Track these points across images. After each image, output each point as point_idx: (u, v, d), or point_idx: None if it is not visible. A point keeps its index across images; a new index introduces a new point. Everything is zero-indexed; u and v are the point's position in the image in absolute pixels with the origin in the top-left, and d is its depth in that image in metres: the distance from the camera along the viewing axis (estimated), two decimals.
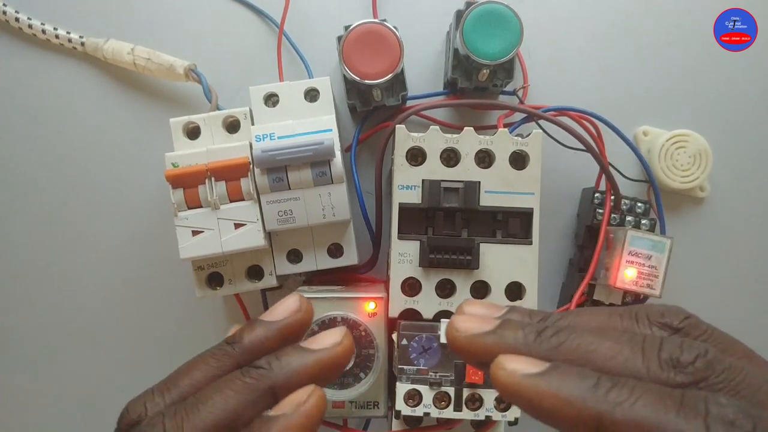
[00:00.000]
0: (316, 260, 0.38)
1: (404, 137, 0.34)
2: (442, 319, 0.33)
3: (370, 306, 0.35)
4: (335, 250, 0.38)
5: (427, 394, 0.33)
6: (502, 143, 0.34)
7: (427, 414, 0.33)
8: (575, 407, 0.16)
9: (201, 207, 0.36)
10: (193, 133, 0.38)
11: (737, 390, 0.16)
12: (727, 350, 0.18)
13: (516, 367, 0.17)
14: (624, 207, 0.42)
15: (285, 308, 0.24)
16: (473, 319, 0.20)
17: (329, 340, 0.22)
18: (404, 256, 0.35)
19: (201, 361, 0.22)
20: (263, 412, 0.20)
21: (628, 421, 0.15)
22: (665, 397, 0.15)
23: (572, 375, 0.17)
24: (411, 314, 0.35)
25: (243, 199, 0.36)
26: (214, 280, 0.38)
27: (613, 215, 0.41)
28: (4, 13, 0.44)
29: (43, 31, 0.44)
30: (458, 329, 0.20)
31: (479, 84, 0.40)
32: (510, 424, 0.34)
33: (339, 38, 0.38)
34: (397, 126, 0.35)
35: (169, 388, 0.21)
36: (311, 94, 0.38)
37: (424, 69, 0.45)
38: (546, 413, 0.17)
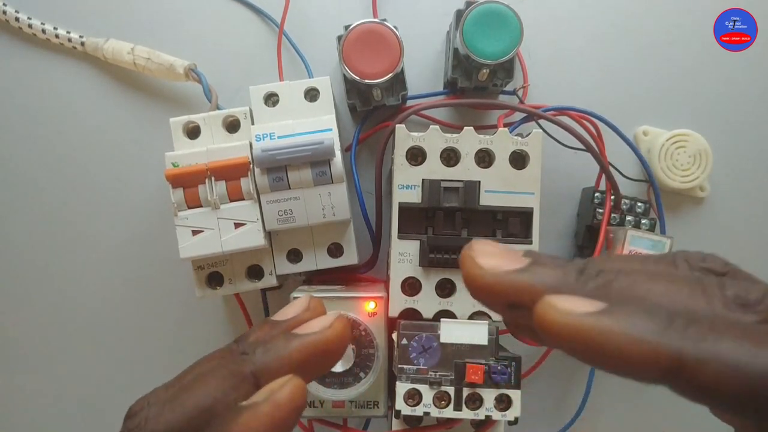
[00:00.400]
0: (316, 260, 0.38)
1: (404, 137, 0.34)
2: (442, 319, 0.33)
3: (370, 306, 0.35)
4: (335, 250, 0.38)
5: (427, 393, 0.33)
6: (502, 143, 0.34)
7: (426, 413, 0.33)
8: (650, 345, 0.14)
9: (201, 207, 0.36)
10: (193, 132, 0.38)
11: None
12: None
13: (571, 306, 0.15)
14: (624, 207, 0.42)
15: (294, 308, 0.23)
16: (497, 255, 0.17)
17: (318, 325, 0.21)
18: (404, 255, 0.35)
19: (207, 358, 0.21)
20: (245, 399, 0.19)
21: (715, 356, 0.13)
22: (752, 334, 0.14)
23: (639, 312, 0.14)
24: (411, 314, 0.35)
25: (243, 199, 0.36)
26: (214, 279, 0.38)
27: (613, 215, 0.41)
28: (4, 13, 0.44)
29: (43, 31, 0.44)
30: (482, 267, 0.17)
31: (479, 84, 0.40)
32: (510, 423, 0.34)
33: (339, 38, 0.39)
34: (397, 126, 0.35)
35: (174, 384, 0.20)
36: (311, 94, 0.38)
37: (424, 69, 0.45)
38: (611, 356, 0.14)
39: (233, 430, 0.18)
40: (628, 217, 0.42)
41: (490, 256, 0.17)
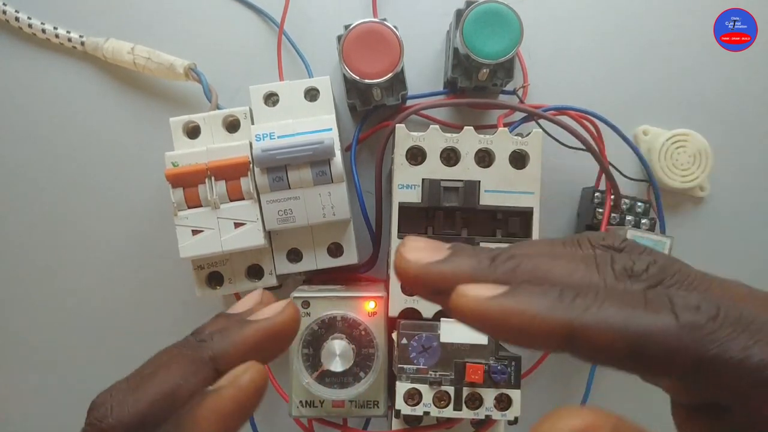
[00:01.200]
0: (316, 260, 0.38)
1: (404, 136, 0.34)
2: (442, 319, 0.33)
3: (370, 305, 0.35)
4: (335, 250, 0.38)
5: (427, 393, 0.33)
6: (502, 142, 0.34)
7: (426, 413, 0.33)
8: (544, 319, 0.16)
9: (201, 206, 0.36)
10: (193, 132, 0.38)
11: (693, 287, 0.17)
12: (670, 259, 0.18)
13: (478, 292, 0.17)
14: (624, 206, 0.42)
15: (246, 302, 0.24)
16: (422, 249, 0.19)
17: (270, 311, 0.23)
18: None
19: (165, 350, 0.22)
20: (206, 384, 0.20)
21: (598, 322, 0.15)
22: (630, 298, 0.16)
23: (535, 292, 0.17)
24: (411, 313, 0.35)
25: (243, 199, 0.36)
26: (214, 279, 0.38)
27: (613, 215, 0.41)
28: (4, 12, 0.44)
29: (43, 31, 0.44)
30: (409, 260, 0.19)
31: (479, 83, 0.40)
32: (510, 423, 0.34)
33: (339, 38, 0.39)
34: (397, 125, 0.35)
35: (135, 375, 0.21)
36: (311, 94, 0.38)
37: (424, 68, 0.45)
38: (514, 332, 0.16)
39: (199, 413, 0.19)
40: (628, 217, 0.42)
41: (416, 251, 0.19)
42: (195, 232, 0.36)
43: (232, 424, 0.20)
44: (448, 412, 0.33)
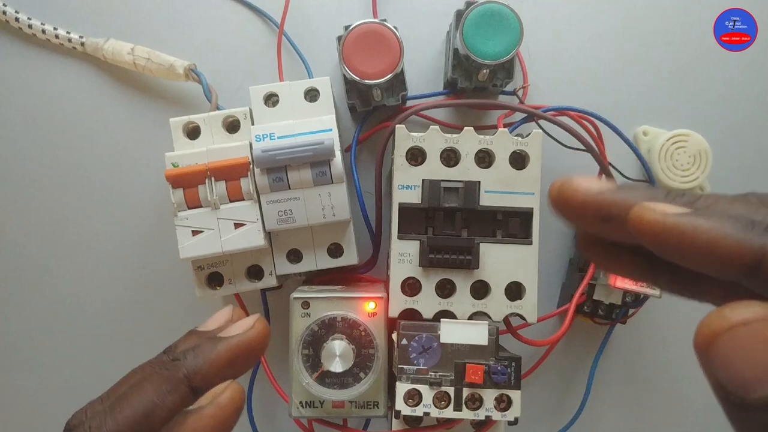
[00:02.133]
0: (316, 260, 0.38)
1: (404, 137, 0.34)
2: (442, 319, 0.33)
3: (370, 306, 0.35)
4: (335, 250, 0.38)
5: (427, 393, 0.33)
6: (502, 143, 0.34)
7: (426, 413, 0.33)
8: (735, 241, 0.15)
9: (201, 207, 0.36)
10: (193, 133, 0.38)
11: None
12: None
13: (666, 208, 0.17)
14: None
15: (217, 319, 0.25)
16: (590, 180, 0.19)
17: (241, 327, 0.23)
18: (404, 255, 0.35)
19: (139, 368, 0.22)
20: (183, 403, 0.21)
21: None
22: None
23: (725, 216, 0.16)
24: (411, 314, 0.35)
25: (243, 199, 0.36)
26: (214, 279, 0.38)
27: None
28: (4, 13, 0.44)
29: (43, 31, 0.44)
30: (578, 188, 0.19)
31: (479, 84, 0.40)
32: (510, 423, 0.34)
33: (339, 38, 0.39)
34: (397, 126, 0.35)
35: (109, 396, 0.21)
36: (311, 94, 0.38)
37: (424, 69, 0.45)
38: (702, 248, 0.16)
39: None
40: None
41: (584, 180, 0.19)
42: (195, 232, 0.36)
43: None
44: (448, 412, 0.33)
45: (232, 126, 0.38)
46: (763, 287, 0.15)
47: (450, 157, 0.35)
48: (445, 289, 0.35)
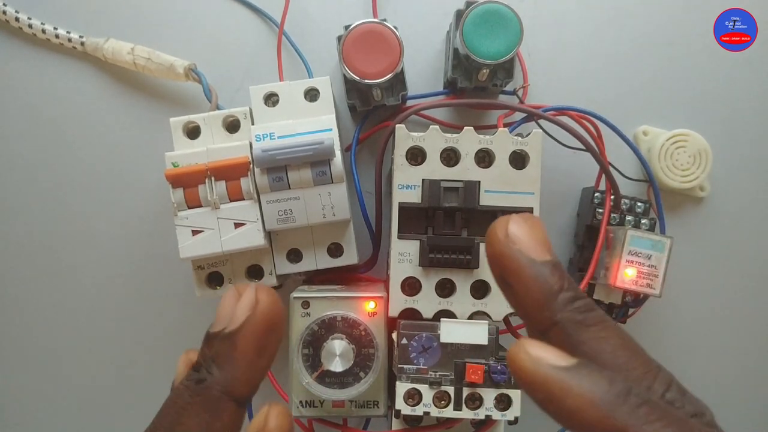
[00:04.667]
0: (316, 260, 0.38)
1: (404, 137, 0.34)
2: (442, 319, 0.33)
3: (370, 305, 0.35)
4: (335, 250, 0.38)
5: (427, 393, 0.33)
6: (502, 143, 0.34)
7: (426, 413, 0.33)
8: (602, 412, 0.15)
9: (201, 206, 0.36)
10: (193, 132, 0.38)
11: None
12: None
13: (542, 354, 0.16)
14: (624, 206, 0.42)
15: (225, 310, 0.21)
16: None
17: (245, 308, 0.20)
18: (404, 255, 0.35)
19: (170, 403, 0.20)
20: (233, 421, 0.20)
21: None
22: (691, 428, 0.15)
23: (602, 377, 0.16)
24: (411, 314, 0.35)
25: (243, 199, 0.36)
26: (214, 279, 0.38)
27: (612, 215, 0.41)
28: (4, 13, 0.44)
29: (43, 31, 0.44)
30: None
31: (479, 84, 0.40)
32: (510, 423, 0.34)
33: (339, 38, 0.39)
34: (397, 125, 0.35)
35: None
36: (311, 94, 0.38)
37: (424, 69, 0.45)
38: (567, 412, 0.15)
39: None
40: (628, 217, 0.42)
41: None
42: (195, 232, 0.36)
43: None
44: (448, 412, 0.33)
45: (232, 126, 0.38)
46: None
47: (450, 157, 0.35)
48: (445, 289, 0.35)
